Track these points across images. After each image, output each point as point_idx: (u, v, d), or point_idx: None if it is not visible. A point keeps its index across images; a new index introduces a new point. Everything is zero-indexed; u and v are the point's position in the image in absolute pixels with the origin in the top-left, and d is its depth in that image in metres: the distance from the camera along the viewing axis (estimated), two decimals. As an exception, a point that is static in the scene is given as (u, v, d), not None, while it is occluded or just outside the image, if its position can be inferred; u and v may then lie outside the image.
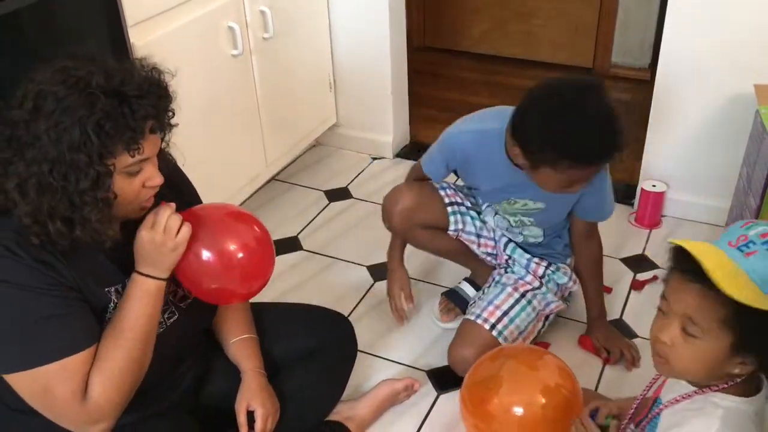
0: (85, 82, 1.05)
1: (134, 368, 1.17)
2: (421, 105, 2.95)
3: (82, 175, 1.05)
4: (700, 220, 2.27)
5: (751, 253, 0.96)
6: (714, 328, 0.99)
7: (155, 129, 1.12)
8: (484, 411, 1.47)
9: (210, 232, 1.24)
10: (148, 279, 1.18)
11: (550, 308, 1.79)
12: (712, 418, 1.03)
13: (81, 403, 1.12)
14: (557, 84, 1.43)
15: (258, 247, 1.30)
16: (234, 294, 1.32)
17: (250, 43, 2.13)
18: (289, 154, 2.52)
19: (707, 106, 2.11)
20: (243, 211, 1.37)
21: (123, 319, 1.17)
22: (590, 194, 1.61)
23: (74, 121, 1.03)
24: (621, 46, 3.26)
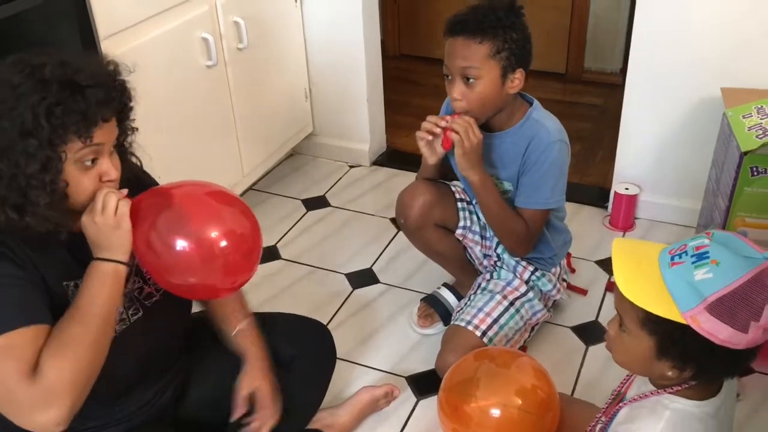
0: (39, 70, 1.07)
1: (89, 352, 1.11)
2: (397, 112, 2.97)
3: (32, 159, 1.06)
4: (673, 222, 2.31)
5: (677, 263, 0.99)
6: (635, 328, 1.04)
7: (107, 118, 1.12)
8: (462, 414, 1.48)
9: (184, 215, 1.15)
10: (105, 262, 1.15)
11: (537, 317, 1.81)
12: (659, 418, 1.07)
13: (29, 382, 1.05)
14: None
15: (245, 234, 1.19)
16: (214, 290, 1.23)
17: (224, 54, 2.13)
18: (266, 163, 2.52)
19: (676, 110, 2.15)
20: (225, 189, 1.25)
21: (80, 300, 1.14)
22: (525, 173, 1.65)
23: (26, 107, 1.05)
24: (593, 51, 3.31)
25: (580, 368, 1.81)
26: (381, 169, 2.72)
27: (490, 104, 1.60)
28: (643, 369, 1.11)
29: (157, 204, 1.18)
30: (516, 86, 1.59)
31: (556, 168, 1.65)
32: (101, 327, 1.14)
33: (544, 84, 3.24)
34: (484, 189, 1.64)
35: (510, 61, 1.56)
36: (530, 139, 1.63)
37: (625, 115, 2.24)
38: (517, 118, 1.65)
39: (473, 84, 1.56)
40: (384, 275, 2.16)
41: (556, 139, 1.63)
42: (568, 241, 1.89)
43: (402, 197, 1.82)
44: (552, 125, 1.65)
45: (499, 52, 1.54)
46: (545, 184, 1.65)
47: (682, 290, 0.97)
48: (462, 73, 1.56)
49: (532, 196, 1.67)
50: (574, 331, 1.93)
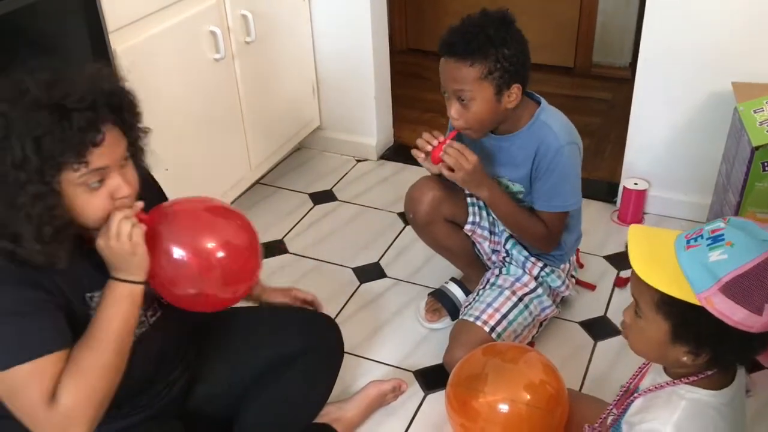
0: (27, 95, 1.04)
1: (106, 374, 1.13)
2: (404, 107, 2.96)
3: (21, 191, 1.04)
4: (682, 217, 2.29)
5: (692, 246, 1.00)
6: (650, 311, 1.05)
7: (97, 142, 1.07)
8: (470, 409, 1.48)
9: (184, 229, 1.18)
10: (121, 283, 1.15)
11: (546, 313, 1.80)
12: (675, 407, 1.07)
13: (48, 408, 1.08)
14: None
15: (240, 244, 1.22)
16: (216, 300, 1.24)
17: (232, 47, 2.13)
18: (273, 157, 2.52)
19: (687, 104, 2.14)
20: (224, 204, 1.29)
21: (96, 323, 1.14)
22: (538, 179, 1.64)
23: (16, 137, 1.02)
24: (602, 45, 3.29)
25: (589, 364, 1.81)
26: (388, 163, 2.72)
27: (488, 121, 1.60)
28: (658, 355, 1.11)
29: (166, 223, 1.19)
30: (513, 101, 1.58)
31: (568, 172, 1.64)
32: (116, 350, 1.14)
33: (552, 78, 3.23)
34: (496, 203, 1.66)
35: (504, 78, 1.54)
36: (539, 142, 1.61)
37: (634, 109, 2.22)
38: (525, 120, 1.64)
39: (468, 104, 1.56)
40: (391, 269, 2.16)
41: (564, 143, 1.61)
42: (578, 238, 1.88)
43: (411, 193, 1.81)
44: (560, 127, 1.63)
45: (491, 72, 1.52)
46: (562, 188, 1.65)
47: (696, 271, 0.98)
48: (456, 93, 1.56)
49: (551, 201, 1.67)
50: (583, 326, 1.92)
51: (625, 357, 1.79)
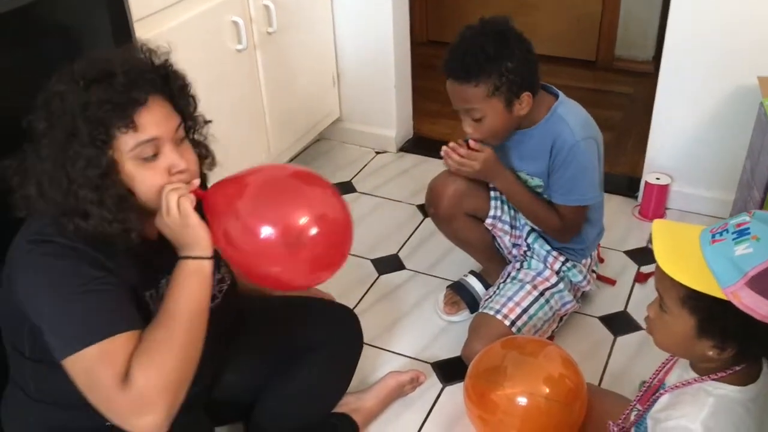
0: (75, 74, 1.08)
1: (179, 354, 1.09)
2: (424, 99, 2.95)
3: (77, 158, 1.07)
4: (704, 213, 2.27)
5: (717, 240, 0.99)
6: (676, 306, 1.04)
7: (141, 99, 1.08)
8: (488, 401, 1.48)
9: (265, 201, 1.09)
10: (187, 260, 1.14)
11: (566, 308, 1.80)
12: (703, 405, 1.07)
13: (122, 389, 1.05)
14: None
15: (335, 219, 1.10)
16: (291, 282, 1.14)
17: (254, 38, 2.13)
18: (293, 148, 2.52)
19: (711, 99, 2.11)
20: (311, 171, 1.18)
21: (166, 302, 1.13)
22: (554, 172, 1.65)
23: (67, 111, 1.06)
24: (624, 38, 3.25)
25: (608, 359, 1.80)
26: (407, 155, 2.71)
27: (503, 131, 1.62)
28: (683, 350, 1.10)
29: (233, 193, 1.13)
30: (525, 108, 1.58)
31: (585, 166, 1.63)
32: (188, 329, 1.11)
33: (573, 72, 3.20)
34: (510, 192, 1.70)
35: (512, 91, 1.54)
36: (555, 137, 1.61)
37: (658, 103, 2.20)
38: (542, 114, 1.63)
39: (480, 120, 1.58)
40: (410, 262, 2.16)
41: (580, 139, 1.60)
42: (600, 233, 1.87)
43: (432, 186, 1.81)
44: (576, 122, 1.62)
45: (497, 88, 1.53)
46: (578, 182, 1.64)
47: (722, 266, 0.97)
48: (467, 113, 1.58)
49: (568, 195, 1.66)
50: (602, 321, 1.91)
51: (645, 353, 1.79)
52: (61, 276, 1.09)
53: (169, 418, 1.07)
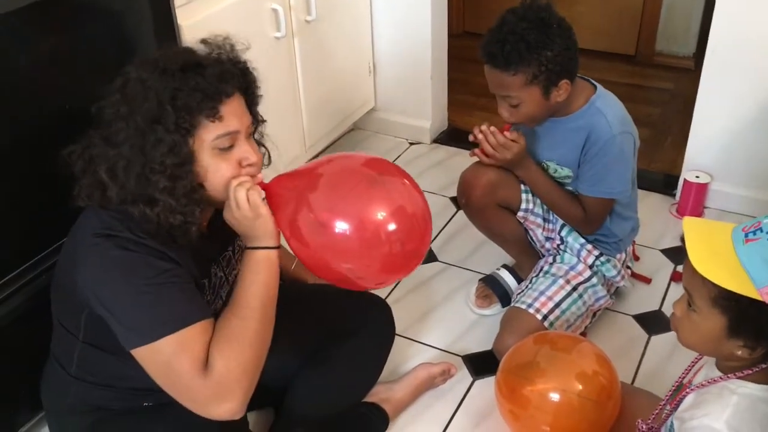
0: (162, 61, 1.11)
1: (255, 341, 1.14)
2: (459, 90, 2.93)
3: (160, 144, 1.08)
4: (744, 213, 2.23)
5: (751, 240, 0.97)
6: (706, 306, 1.03)
7: (229, 92, 1.13)
8: (520, 396, 1.47)
9: (341, 191, 1.09)
10: (256, 250, 1.18)
11: (600, 303, 1.78)
12: (726, 403, 1.06)
13: (202, 376, 1.09)
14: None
15: (415, 215, 1.06)
16: (361, 281, 1.15)
17: (292, 26, 2.14)
18: (328, 137, 2.53)
19: (755, 96, 2.07)
20: (387, 161, 1.19)
21: (238, 292, 1.17)
22: (586, 163, 1.63)
23: (153, 96, 1.08)
24: (665, 33, 3.20)
25: (642, 358, 1.78)
26: (441, 147, 2.70)
27: (540, 116, 1.62)
28: (710, 349, 1.09)
29: (303, 185, 1.14)
30: (562, 95, 1.57)
31: (618, 159, 1.62)
32: (261, 316, 1.16)
33: (612, 66, 3.16)
34: (533, 182, 1.71)
35: (550, 79, 1.53)
36: (591, 128, 1.59)
37: (699, 100, 2.16)
38: (579, 103, 1.62)
39: (517, 106, 1.57)
40: (442, 254, 2.15)
41: (617, 132, 1.58)
42: (635, 228, 1.85)
43: (464, 177, 1.80)
44: (614, 116, 1.60)
45: (536, 77, 1.51)
46: (609, 174, 1.62)
47: (757, 266, 0.96)
48: (504, 99, 1.57)
49: (596, 186, 1.64)
50: (637, 319, 1.89)
51: (679, 352, 1.74)
52: (133, 268, 1.11)
53: (245, 404, 1.13)
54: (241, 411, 1.13)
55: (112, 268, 1.12)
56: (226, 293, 1.32)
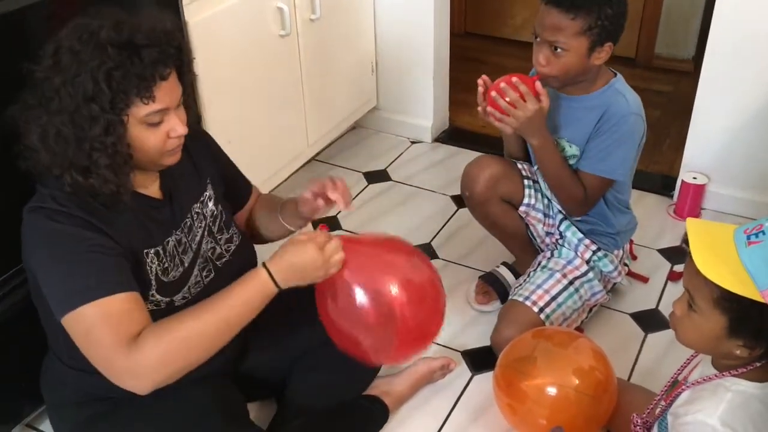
0: (96, 35, 1.09)
1: (198, 344, 1.14)
2: (460, 91, 2.95)
3: (94, 122, 1.10)
4: (741, 214, 2.25)
5: (754, 242, 0.99)
6: (707, 306, 1.04)
7: (165, 75, 1.13)
8: (518, 390, 1.49)
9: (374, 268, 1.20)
10: (266, 272, 1.18)
11: (596, 298, 1.81)
12: (720, 400, 1.08)
13: (125, 352, 1.09)
14: None
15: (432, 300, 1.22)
16: (377, 357, 1.28)
17: (297, 24, 2.16)
18: (330, 135, 2.55)
19: (753, 99, 2.09)
20: (413, 249, 1.29)
21: (219, 294, 1.17)
22: (594, 138, 1.65)
23: (86, 72, 1.08)
24: (665, 36, 3.22)
25: (638, 355, 1.80)
26: (442, 146, 2.73)
27: (573, 73, 1.61)
28: (709, 348, 1.11)
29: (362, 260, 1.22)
30: (603, 58, 1.59)
31: (628, 139, 1.64)
32: (220, 327, 1.15)
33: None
34: (543, 153, 1.66)
35: (600, 36, 1.55)
36: (608, 105, 1.63)
37: (698, 103, 2.19)
38: (599, 85, 1.66)
39: (559, 54, 1.56)
40: (443, 251, 2.18)
41: (633, 112, 1.63)
42: (633, 224, 1.87)
43: (468, 170, 1.83)
44: (633, 98, 1.65)
45: (591, 28, 1.53)
46: (615, 153, 1.64)
47: (759, 268, 0.97)
48: (550, 42, 1.57)
49: (599, 163, 1.66)
50: (634, 318, 1.91)
51: (675, 350, 1.76)
52: (55, 239, 1.13)
53: (153, 389, 1.13)
54: (149, 391, 1.13)
55: (37, 239, 1.15)
56: (190, 260, 1.32)
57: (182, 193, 1.33)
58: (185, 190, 1.34)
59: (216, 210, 1.39)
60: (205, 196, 1.37)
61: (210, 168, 1.41)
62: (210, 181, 1.39)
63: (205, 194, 1.37)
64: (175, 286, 1.29)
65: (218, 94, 1.90)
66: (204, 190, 1.38)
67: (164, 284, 1.27)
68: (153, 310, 1.23)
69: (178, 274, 1.30)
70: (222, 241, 1.40)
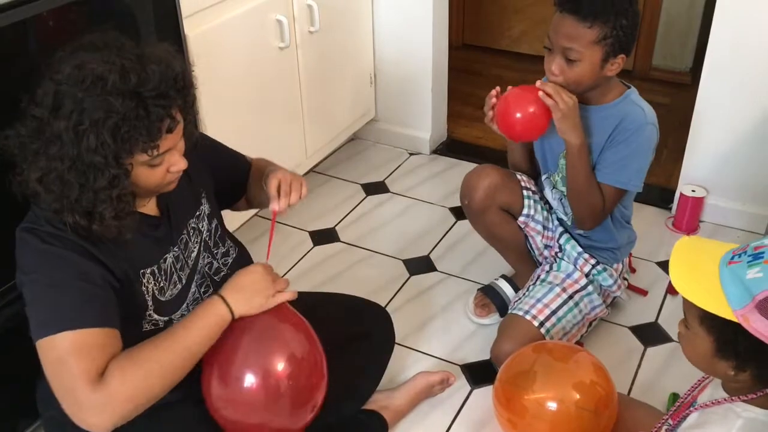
0: (102, 82, 1.04)
1: (163, 374, 1.11)
2: (458, 102, 2.96)
3: (99, 174, 1.08)
4: (739, 227, 2.26)
5: (734, 262, 0.98)
6: (696, 325, 1.04)
7: (172, 128, 1.11)
8: (518, 405, 1.49)
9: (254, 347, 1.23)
10: (222, 302, 1.19)
11: (595, 312, 1.80)
12: (731, 426, 1.06)
13: (92, 387, 1.06)
14: None
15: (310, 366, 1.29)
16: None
17: (296, 37, 2.16)
18: (329, 146, 2.55)
19: (752, 111, 2.10)
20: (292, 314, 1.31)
21: (178, 324, 1.17)
22: (610, 149, 1.64)
23: (91, 123, 1.04)
24: (662, 48, 3.23)
25: (638, 369, 1.80)
26: (440, 158, 2.73)
27: (586, 84, 1.60)
28: (706, 367, 1.10)
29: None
30: (615, 70, 1.59)
31: (643, 150, 1.64)
32: (182, 356, 1.14)
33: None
34: (581, 154, 1.61)
35: (614, 47, 1.55)
36: (623, 116, 1.62)
37: (696, 115, 2.19)
38: (613, 96, 1.65)
39: (573, 64, 1.56)
40: (441, 264, 2.17)
41: (650, 122, 1.63)
42: (632, 239, 1.87)
43: (468, 179, 1.83)
44: (648, 109, 1.66)
45: (606, 38, 1.53)
46: (632, 163, 1.64)
47: (735, 288, 0.96)
48: (563, 51, 1.56)
49: (615, 174, 1.65)
50: (633, 331, 1.91)
51: (675, 364, 1.78)
52: (47, 260, 1.12)
53: (113, 427, 1.09)
54: (110, 429, 1.09)
55: (27, 259, 1.13)
56: (187, 276, 1.31)
57: (178, 208, 1.32)
58: (181, 206, 1.33)
59: (211, 225, 1.39)
60: (201, 211, 1.37)
61: (206, 180, 1.40)
62: (205, 195, 1.39)
63: (201, 209, 1.37)
64: (173, 305, 1.28)
65: (217, 106, 1.89)
66: (199, 204, 1.37)
67: (161, 303, 1.26)
68: (151, 330, 1.22)
69: (175, 292, 1.29)
70: (218, 255, 1.39)
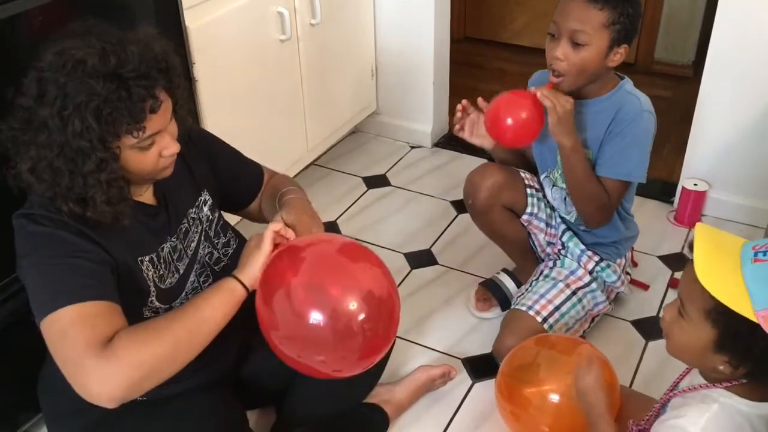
0: (82, 65, 1.05)
1: (170, 346, 1.09)
2: (460, 95, 2.92)
3: (87, 158, 1.08)
4: (741, 221, 2.25)
5: (760, 260, 0.97)
6: (698, 316, 1.03)
7: (155, 108, 1.10)
8: (520, 397, 1.49)
9: (318, 279, 1.14)
10: (234, 279, 1.17)
11: (598, 308, 1.80)
12: (705, 409, 1.07)
13: (97, 352, 1.04)
14: None
15: (387, 305, 1.18)
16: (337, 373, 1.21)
17: (297, 29, 2.15)
18: (330, 139, 2.55)
19: (754, 104, 2.09)
20: (361, 247, 1.25)
21: (191, 300, 1.17)
22: (609, 141, 1.63)
23: (75, 108, 1.04)
24: (664, 41, 3.22)
25: (639, 362, 1.79)
26: (442, 151, 2.72)
27: (588, 72, 1.58)
28: (694, 359, 1.10)
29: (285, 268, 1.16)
30: (617, 60, 1.58)
31: (643, 138, 1.63)
32: (191, 330, 1.12)
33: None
34: (575, 154, 1.61)
35: (620, 34, 1.54)
36: (619, 106, 1.62)
37: (699, 109, 2.18)
38: (608, 88, 1.65)
39: (579, 48, 1.54)
40: (442, 257, 2.17)
41: (646, 109, 1.62)
42: (635, 233, 1.87)
43: (471, 177, 1.82)
44: (644, 97, 1.65)
45: (614, 23, 1.52)
46: (631, 154, 1.63)
47: (759, 288, 0.95)
48: (571, 35, 1.53)
49: (617, 166, 1.64)
50: (634, 325, 1.91)
51: (677, 358, 1.78)
52: (42, 240, 1.12)
53: (123, 400, 1.07)
54: (118, 401, 1.06)
55: (23, 243, 1.13)
56: (185, 266, 1.31)
57: (177, 198, 1.32)
58: (180, 195, 1.33)
59: (212, 214, 1.39)
60: (200, 201, 1.36)
61: (206, 172, 1.40)
62: (206, 186, 1.38)
63: (200, 198, 1.37)
64: (172, 293, 1.28)
65: (218, 98, 1.89)
66: (199, 194, 1.37)
67: (162, 291, 1.26)
68: (152, 317, 1.22)
69: (174, 281, 1.29)
70: (219, 246, 1.39)
